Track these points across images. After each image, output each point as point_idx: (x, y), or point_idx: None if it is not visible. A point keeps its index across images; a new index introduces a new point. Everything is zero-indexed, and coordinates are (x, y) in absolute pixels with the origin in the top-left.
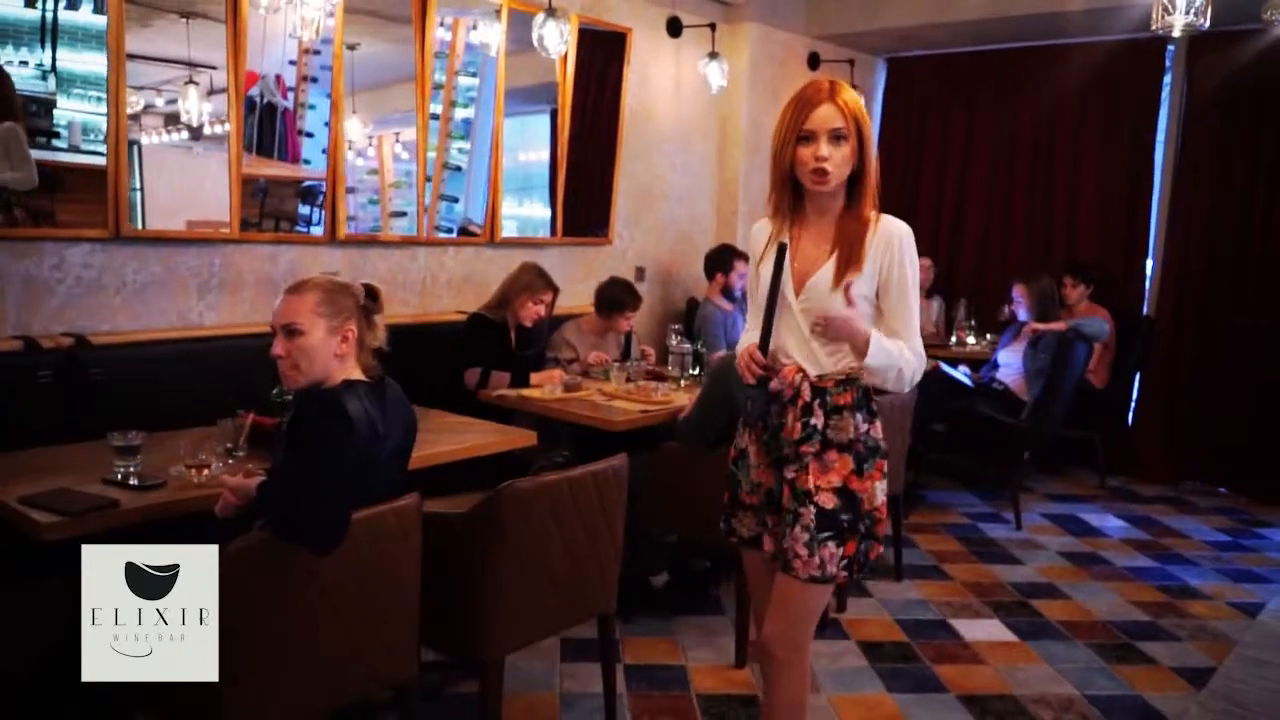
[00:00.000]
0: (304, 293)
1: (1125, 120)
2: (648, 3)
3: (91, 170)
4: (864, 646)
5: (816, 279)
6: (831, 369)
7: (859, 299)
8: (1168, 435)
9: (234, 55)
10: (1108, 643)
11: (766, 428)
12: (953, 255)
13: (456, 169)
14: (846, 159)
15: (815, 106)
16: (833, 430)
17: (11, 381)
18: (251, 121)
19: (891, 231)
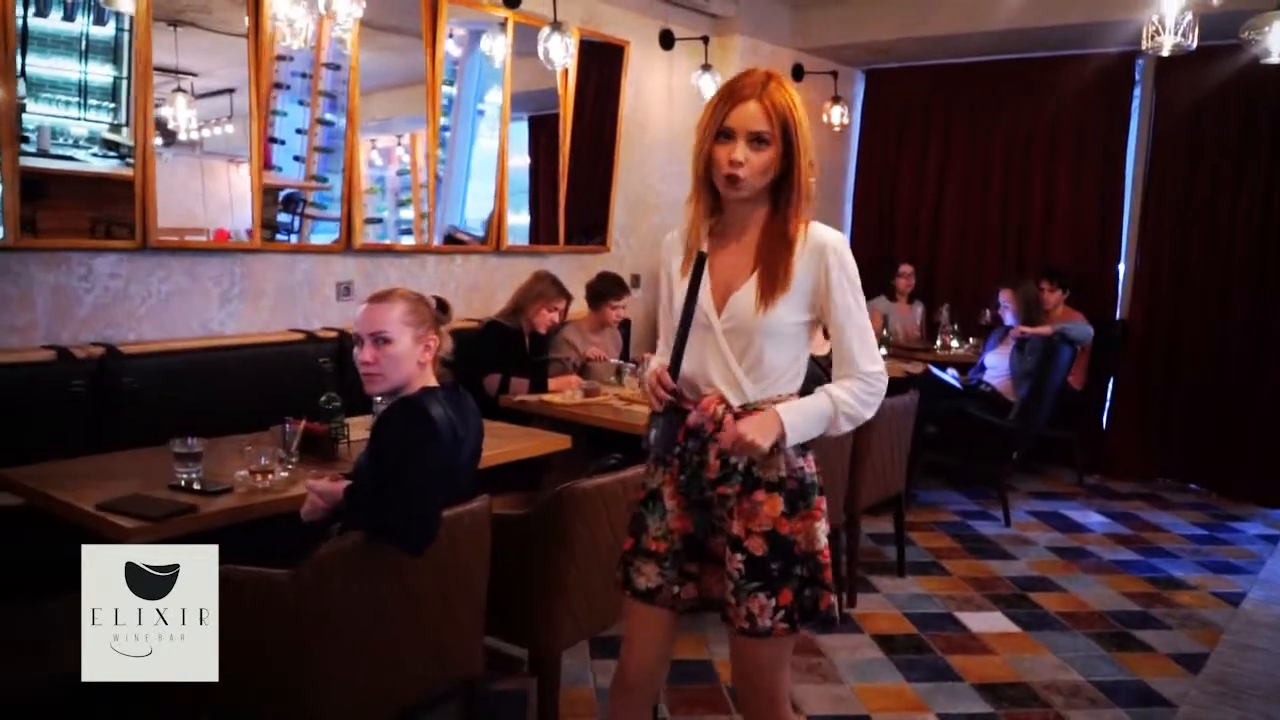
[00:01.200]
0: (392, 302)
1: (1097, 131)
2: (641, 15)
3: (68, 176)
4: (878, 639)
5: (740, 296)
6: (758, 398)
7: (791, 324)
8: (1140, 435)
9: (256, 68)
10: (1105, 632)
11: (685, 466)
12: (931, 261)
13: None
14: (767, 166)
15: (738, 102)
16: (759, 467)
17: (46, 391)
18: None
19: (822, 242)
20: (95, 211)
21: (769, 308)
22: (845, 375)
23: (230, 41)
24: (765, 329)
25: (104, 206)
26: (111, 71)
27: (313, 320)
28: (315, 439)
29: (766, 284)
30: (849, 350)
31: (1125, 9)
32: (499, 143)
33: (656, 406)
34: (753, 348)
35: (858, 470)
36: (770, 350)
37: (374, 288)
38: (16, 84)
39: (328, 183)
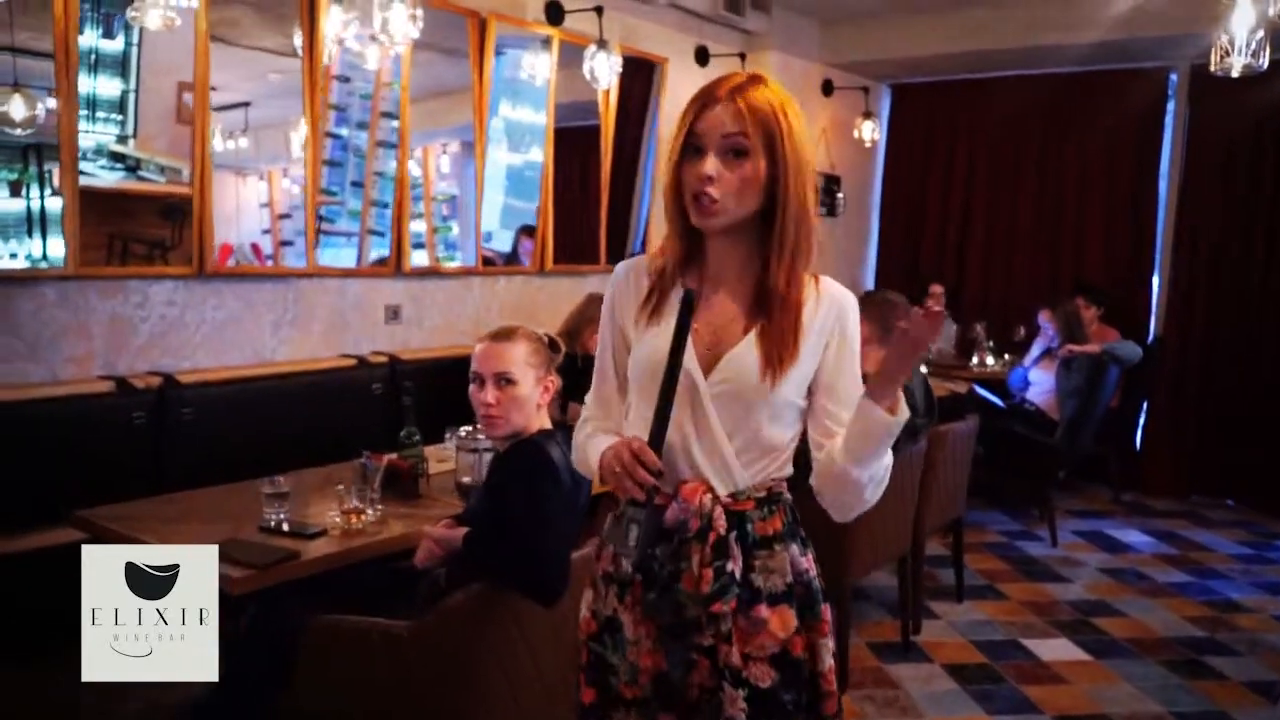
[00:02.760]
0: (515, 342)
1: (1130, 146)
2: (677, 32)
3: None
4: (949, 669)
5: (738, 357)
6: (748, 485)
7: (796, 401)
8: (1176, 451)
9: (310, 90)
10: (1176, 659)
11: (652, 581)
12: (959, 277)
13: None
14: (746, 183)
15: (708, 105)
16: (760, 574)
17: (107, 424)
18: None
19: (843, 305)
20: (112, 227)
21: (777, 381)
22: (834, 437)
23: (249, 55)
24: (768, 403)
25: (119, 222)
26: (120, 85)
27: (361, 345)
28: (398, 475)
29: (771, 350)
30: (837, 419)
31: (1160, 25)
32: (544, 160)
33: (635, 493)
34: (749, 422)
35: (924, 496)
36: (769, 427)
37: (422, 311)
38: (77, 105)
39: (338, 196)
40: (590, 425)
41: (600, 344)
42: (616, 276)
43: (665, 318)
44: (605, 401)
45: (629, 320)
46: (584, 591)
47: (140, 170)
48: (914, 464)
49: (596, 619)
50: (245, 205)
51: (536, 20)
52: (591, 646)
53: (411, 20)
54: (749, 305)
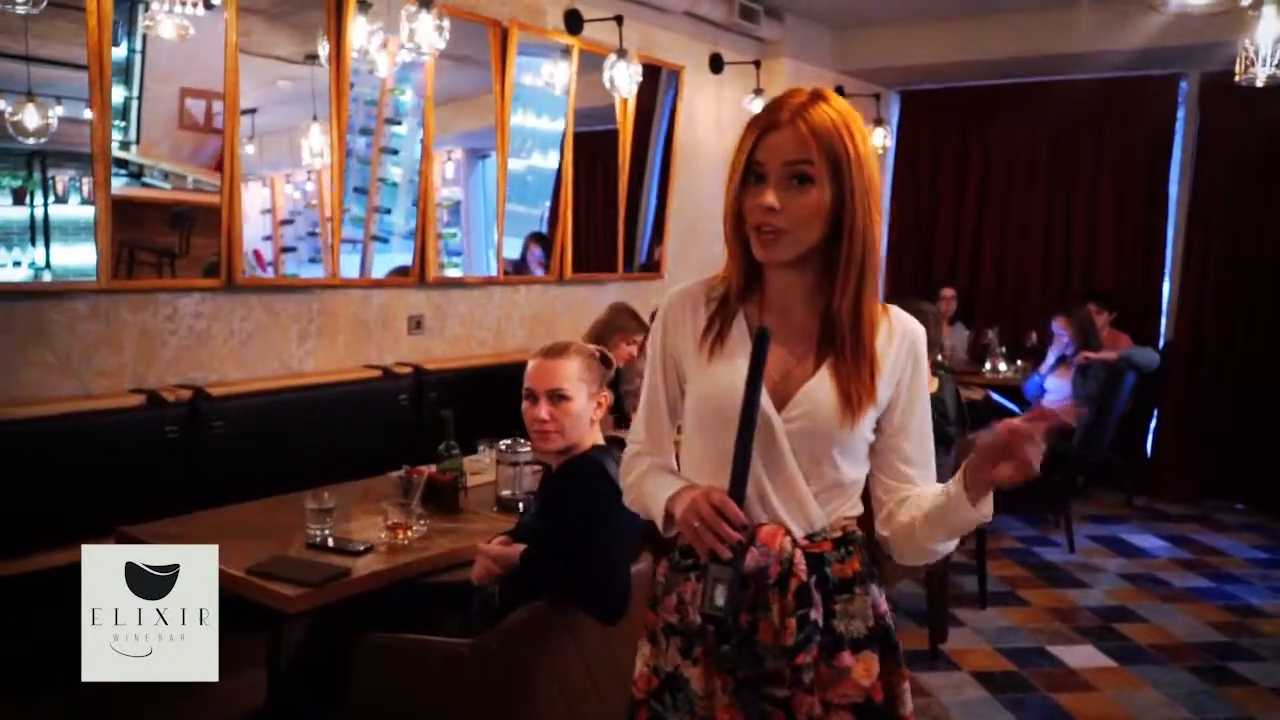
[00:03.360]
0: (568, 358)
1: (1140, 151)
2: (692, 40)
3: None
4: (978, 676)
5: (813, 392)
6: (826, 522)
7: (868, 439)
8: (1187, 456)
9: (337, 99)
10: (1201, 665)
11: (726, 632)
12: (971, 283)
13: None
14: (813, 213)
15: (770, 129)
16: (842, 619)
17: (140, 437)
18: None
19: (915, 338)
20: (120, 235)
21: (857, 419)
22: (912, 484)
23: (257, 63)
24: (845, 441)
25: (127, 230)
26: (123, 91)
27: (385, 355)
28: (439, 489)
29: (849, 387)
30: (920, 462)
31: (1171, 35)
32: (565, 168)
33: (720, 550)
34: (827, 460)
35: None
36: (844, 464)
37: (444, 320)
38: (110, 115)
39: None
40: (644, 461)
41: (650, 375)
42: (670, 305)
43: (728, 352)
44: (657, 436)
45: (686, 353)
46: (639, 645)
47: (144, 177)
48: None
49: (657, 674)
50: (248, 212)
51: (555, 29)
52: (652, 706)
53: (438, 31)
54: (816, 337)
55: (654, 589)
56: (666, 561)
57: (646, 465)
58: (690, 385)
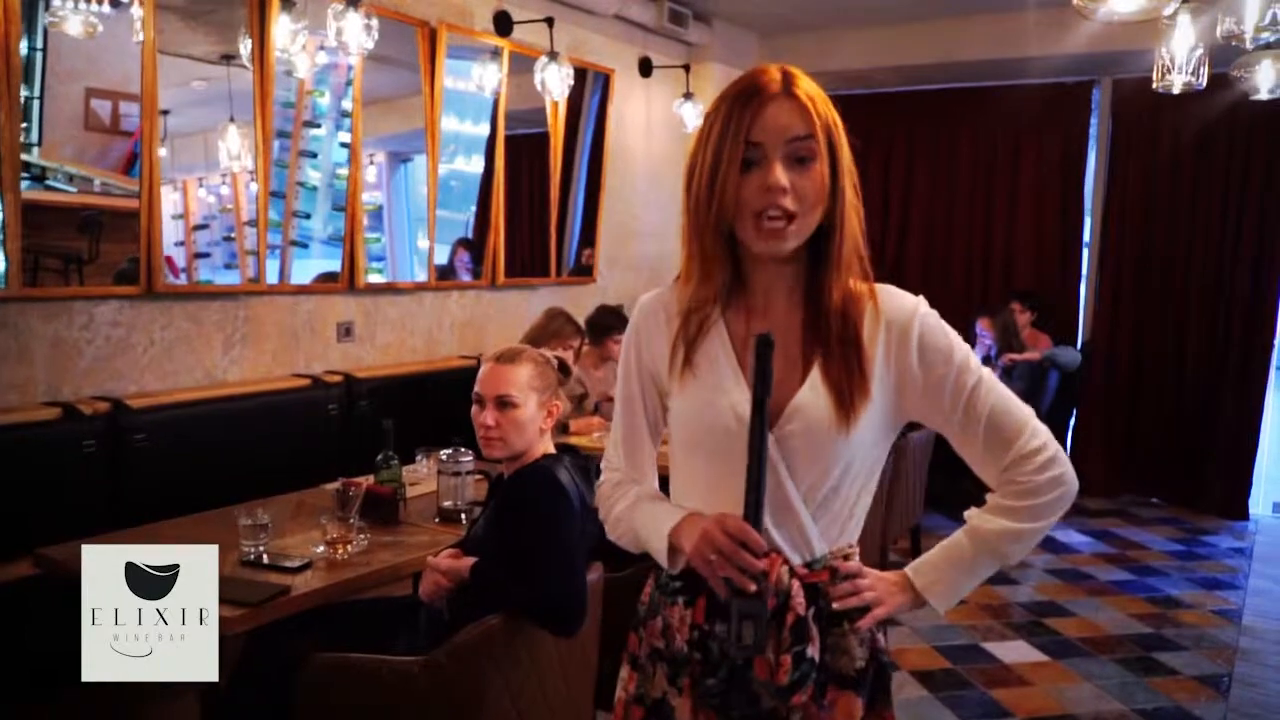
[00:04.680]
0: (519, 364)
1: (1057, 156)
2: (622, 43)
3: None
4: (918, 675)
5: (805, 402)
6: (824, 552)
7: (874, 447)
8: (1106, 452)
9: (261, 99)
10: (1129, 656)
11: (714, 664)
12: (897, 285)
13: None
14: (820, 193)
15: (765, 103)
16: (833, 654)
17: (55, 452)
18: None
19: (902, 315)
20: (20, 241)
21: (853, 423)
22: (1004, 472)
23: (170, 62)
24: (845, 453)
25: (30, 235)
26: (23, 91)
27: (313, 364)
28: (378, 501)
29: (841, 384)
30: (1004, 434)
31: (1089, 42)
32: (496, 172)
33: (743, 583)
34: (824, 478)
35: (888, 505)
36: (845, 482)
37: (374, 327)
38: (19, 114)
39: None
40: (631, 490)
41: (625, 393)
42: (642, 316)
43: (710, 363)
44: (638, 461)
45: (662, 366)
46: (620, 671)
47: (47, 179)
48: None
49: (642, 703)
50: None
51: (485, 30)
52: None
53: (366, 30)
54: (804, 338)
55: (638, 610)
56: (653, 581)
57: (634, 495)
58: (672, 402)
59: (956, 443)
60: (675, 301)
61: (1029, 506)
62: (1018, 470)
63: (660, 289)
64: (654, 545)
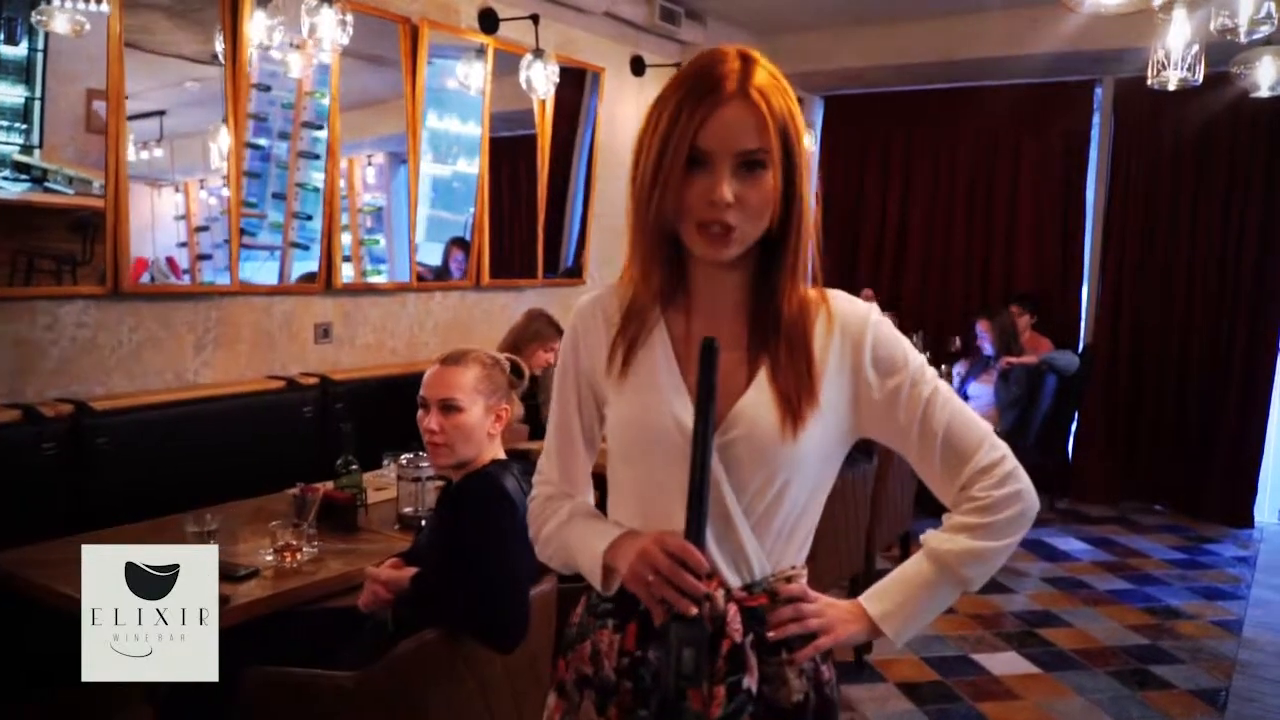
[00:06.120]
0: (465, 366)
1: (1057, 156)
2: (614, 42)
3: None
4: (903, 688)
5: (749, 404)
6: (768, 570)
7: (820, 458)
8: (1107, 458)
9: (234, 98)
10: (1123, 669)
11: (644, 694)
12: (895, 288)
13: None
14: (765, 202)
15: (716, 105)
16: (771, 685)
17: (13, 455)
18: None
19: (854, 322)
20: (16, 243)
21: (799, 430)
22: (961, 490)
23: (163, 62)
24: (790, 463)
25: (23, 237)
26: (23, 92)
27: (290, 366)
28: (336, 507)
29: (788, 387)
30: (962, 450)
31: (1090, 40)
32: (480, 172)
33: (685, 607)
34: (769, 490)
35: (875, 512)
36: (790, 495)
37: (353, 328)
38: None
39: (258, 208)
40: (564, 506)
41: (560, 400)
42: (580, 318)
43: (649, 368)
44: (571, 473)
45: (600, 371)
46: (547, 698)
47: (47, 181)
48: (866, 480)
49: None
50: (161, 218)
51: (470, 28)
52: None
53: (341, 26)
54: (749, 342)
55: (565, 633)
56: (584, 603)
57: (568, 511)
58: (611, 410)
59: (913, 459)
60: (615, 302)
61: (989, 524)
62: (976, 485)
63: (600, 290)
64: (586, 565)
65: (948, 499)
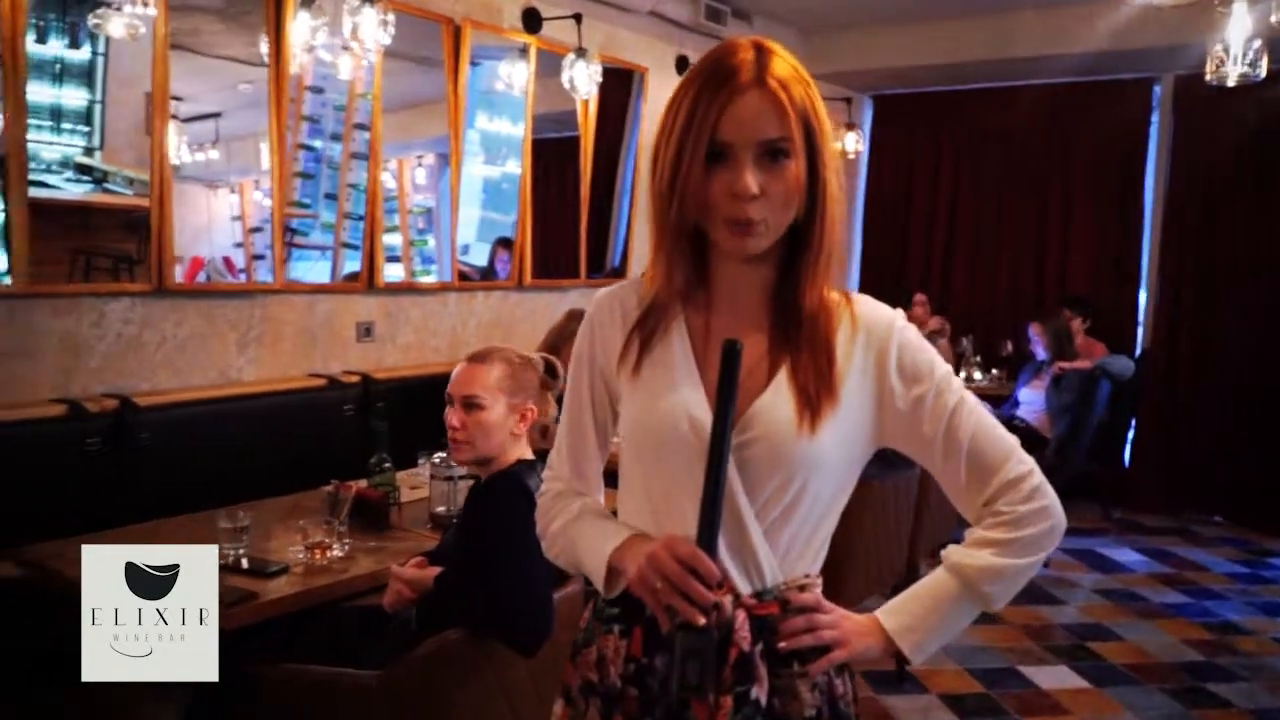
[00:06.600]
0: (489, 364)
1: (1115, 157)
2: (657, 41)
3: (47, 205)
4: (946, 700)
5: (766, 404)
6: (780, 577)
7: (838, 460)
8: (1166, 467)
9: (276, 99)
10: (1178, 686)
11: (650, 703)
12: (944, 291)
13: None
14: (791, 194)
15: (733, 94)
16: (782, 698)
17: (59, 451)
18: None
19: (880, 327)
20: (74, 241)
21: (816, 427)
22: (986, 504)
23: (217, 65)
24: (806, 464)
25: (83, 236)
26: (86, 95)
27: (331, 364)
28: (369, 505)
29: (806, 383)
30: (978, 466)
31: (1145, 37)
32: (522, 172)
33: (693, 616)
34: (785, 493)
35: (918, 518)
36: (806, 501)
37: (395, 328)
38: (26, 113)
39: (311, 209)
40: (574, 504)
41: (573, 395)
42: (597, 310)
43: (666, 364)
44: (583, 470)
45: (614, 365)
46: (554, 703)
47: (107, 183)
48: (909, 487)
49: None
50: (217, 218)
51: (513, 28)
52: None
53: (382, 26)
54: (771, 339)
55: (575, 638)
56: (591, 607)
57: (577, 509)
58: (624, 406)
59: (938, 471)
60: (635, 296)
61: (1014, 540)
62: (1001, 499)
63: (620, 283)
64: (591, 566)
65: (972, 513)
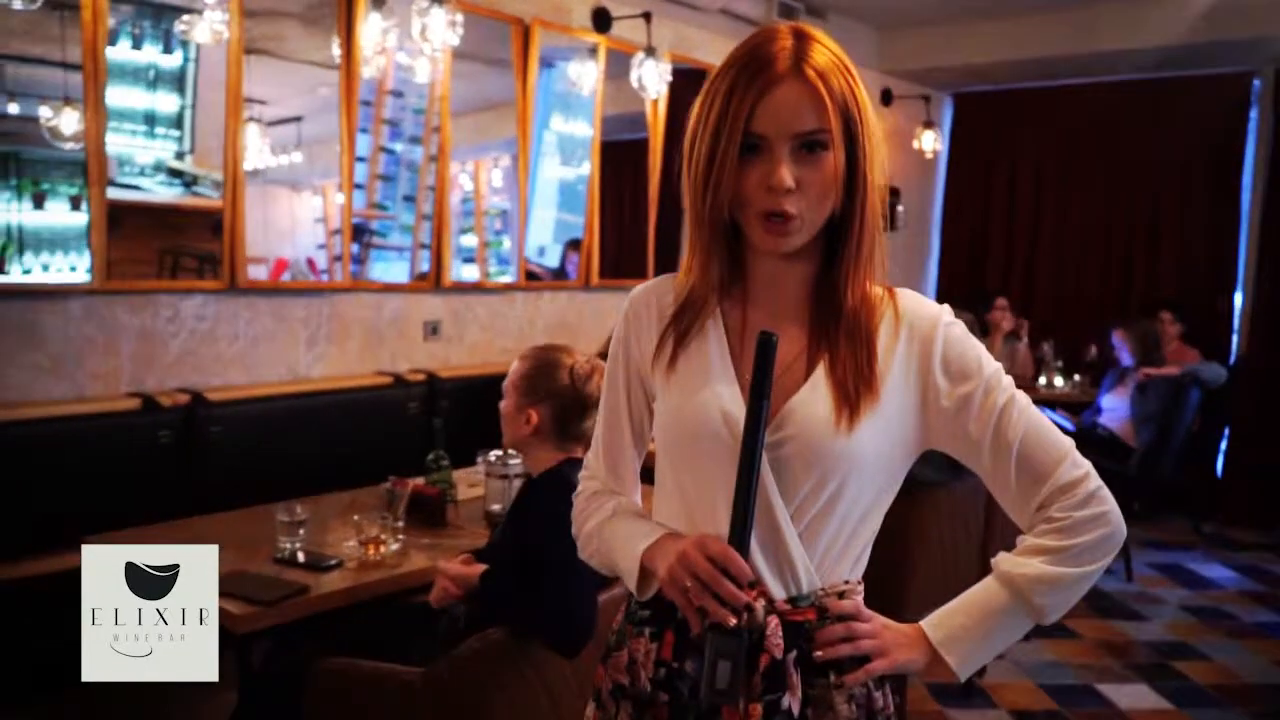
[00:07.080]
0: (522, 360)
1: (1208, 155)
2: (728, 39)
3: (137, 207)
4: (1016, 716)
5: (803, 401)
6: (817, 583)
7: (878, 458)
8: (1260, 479)
9: (347, 101)
10: (1267, 709)
11: (682, 710)
12: (1026, 294)
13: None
14: (828, 187)
15: (768, 85)
16: (816, 709)
17: (133, 442)
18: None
19: (923, 323)
20: (163, 242)
21: (854, 424)
22: (1039, 510)
23: (298, 69)
24: (844, 462)
25: (172, 237)
26: (178, 100)
27: (399, 361)
28: (425, 502)
29: (845, 379)
30: (1030, 469)
31: (1242, 27)
32: (591, 173)
33: (724, 617)
34: (821, 493)
35: (990, 526)
36: (844, 502)
37: (462, 327)
38: (106, 117)
39: (390, 210)
40: (608, 503)
41: (609, 392)
42: (632, 306)
43: (702, 360)
44: (618, 469)
45: (649, 361)
46: (586, 707)
47: (197, 186)
48: (978, 492)
49: None
50: (300, 221)
51: (583, 27)
52: None
53: (451, 27)
54: (810, 335)
55: (608, 640)
56: (624, 608)
57: (611, 508)
58: (659, 403)
59: (986, 474)
60: (671, 292)
61: (1068, 547)
62: (1055, 505)
63: (656, 279)
64: (623, 566)
65: (1024, 520)
